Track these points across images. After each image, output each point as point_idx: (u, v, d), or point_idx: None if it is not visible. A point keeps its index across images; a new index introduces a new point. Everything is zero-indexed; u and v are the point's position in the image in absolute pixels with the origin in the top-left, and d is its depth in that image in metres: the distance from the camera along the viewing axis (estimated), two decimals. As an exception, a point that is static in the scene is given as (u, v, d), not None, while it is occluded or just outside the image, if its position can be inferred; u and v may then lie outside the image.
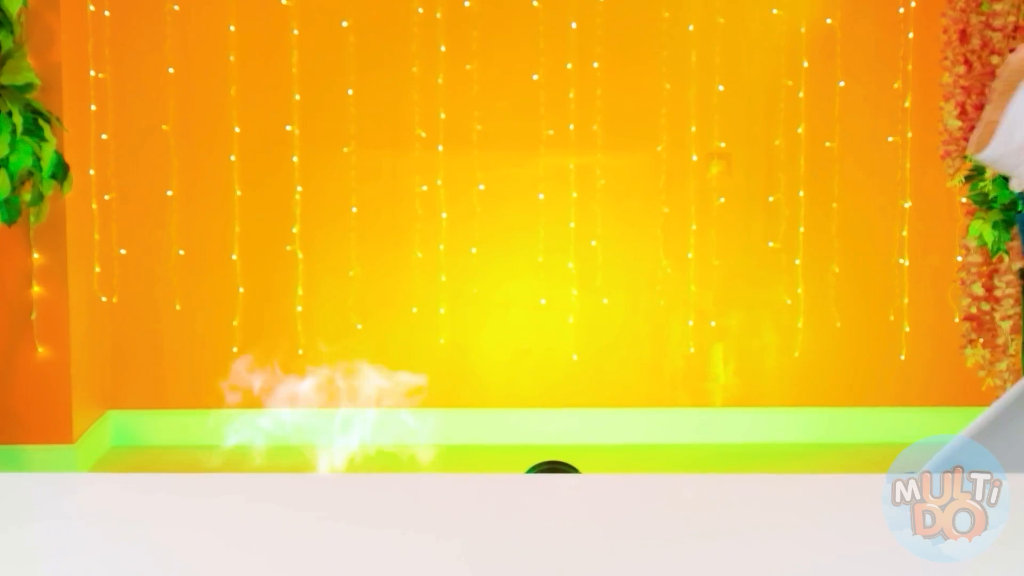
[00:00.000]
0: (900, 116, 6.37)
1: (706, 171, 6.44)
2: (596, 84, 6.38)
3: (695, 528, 1.67)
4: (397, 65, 6.36)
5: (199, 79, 6.39)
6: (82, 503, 1.77)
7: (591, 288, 6.49)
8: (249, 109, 6.37)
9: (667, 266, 6.45)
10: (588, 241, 6.43)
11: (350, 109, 6.35)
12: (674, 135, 6.41)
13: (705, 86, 6.38)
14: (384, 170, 6.46)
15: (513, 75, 6.38)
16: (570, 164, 6.44)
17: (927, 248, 6.44)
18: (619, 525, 1.68)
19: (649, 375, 6.56)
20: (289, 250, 6.39)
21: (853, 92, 6.38)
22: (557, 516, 1.75)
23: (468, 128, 6.37)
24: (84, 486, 1.91)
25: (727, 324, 6.50)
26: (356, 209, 6.40)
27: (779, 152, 6.40)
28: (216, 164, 6.37)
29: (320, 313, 6.42)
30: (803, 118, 6.38)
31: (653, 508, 1.78)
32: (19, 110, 5.34)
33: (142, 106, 6.36)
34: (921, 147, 6.31)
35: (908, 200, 6.42)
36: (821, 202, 6.41)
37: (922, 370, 6.46)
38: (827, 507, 1.77)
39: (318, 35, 6.36)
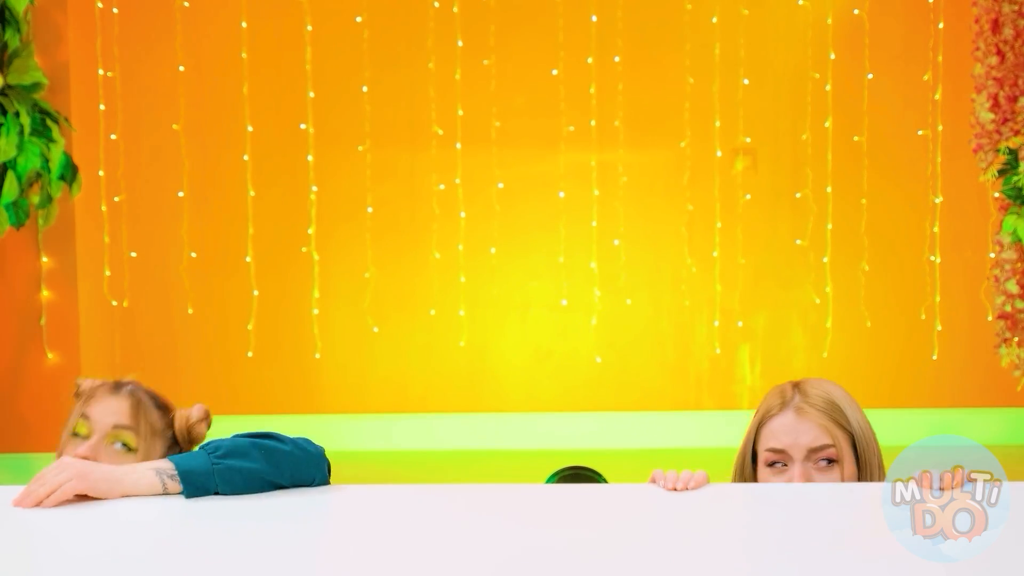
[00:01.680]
0: (930, 109, 6.29)
1: (731, 167, 6.37)
2: (617, 79, 6.31)
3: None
4: (413, 61, 6.31)
5: (210, 77, 6.34)
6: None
7: (614, 288, 6.42)
8: (262, 107, 6.32)
9: (692, 265, 6.39)
10: (611, 240, 6.35)
11: (365, 107, 6.30)
12: (698, 131, 6.33)
13: (729, 80, 6.30)
14: (401, 169, 6.40)
15: (532, 70, 6.33)
16: (591, 161, 6.37)
17: (959, 245, 6.34)
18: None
19: (674, 377, 6.48)
20: (304, 252, 6.35)
21: (882, 84, 6.30)
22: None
23: (486, 125, 6.30)
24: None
25: (754, 324, 6.42)
26: (372, 209, 6.35)
27: (806, 147, 6.32)
28: (229, 164, 6.31)
29: (336, 316, 6.35)
30: (830, 112, 6.30)
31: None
32: (26, 110, 5.27)
33: (152, 105, 6.29)
34: (952, 140, 6.21)
35: (939, 195, 6.32)
36: (850, 198, 6.32)
37: (955, 370, 6.34)
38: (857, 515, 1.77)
39: (332, 31, 6.31)
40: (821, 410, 2.12)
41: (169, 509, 1.79)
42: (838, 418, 2.13)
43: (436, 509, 1.86)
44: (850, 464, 2.12)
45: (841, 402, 2.15)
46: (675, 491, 1.91)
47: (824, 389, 2.17)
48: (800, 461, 2.11)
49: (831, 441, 2.10)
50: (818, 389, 2.17)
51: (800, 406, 2.14)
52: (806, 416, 2.12)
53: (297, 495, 1.87)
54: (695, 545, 1.65)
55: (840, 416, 2.13)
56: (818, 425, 2.11)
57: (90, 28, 6.12)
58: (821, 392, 2.16)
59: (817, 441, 2.10)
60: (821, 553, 1.59)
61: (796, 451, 2.11)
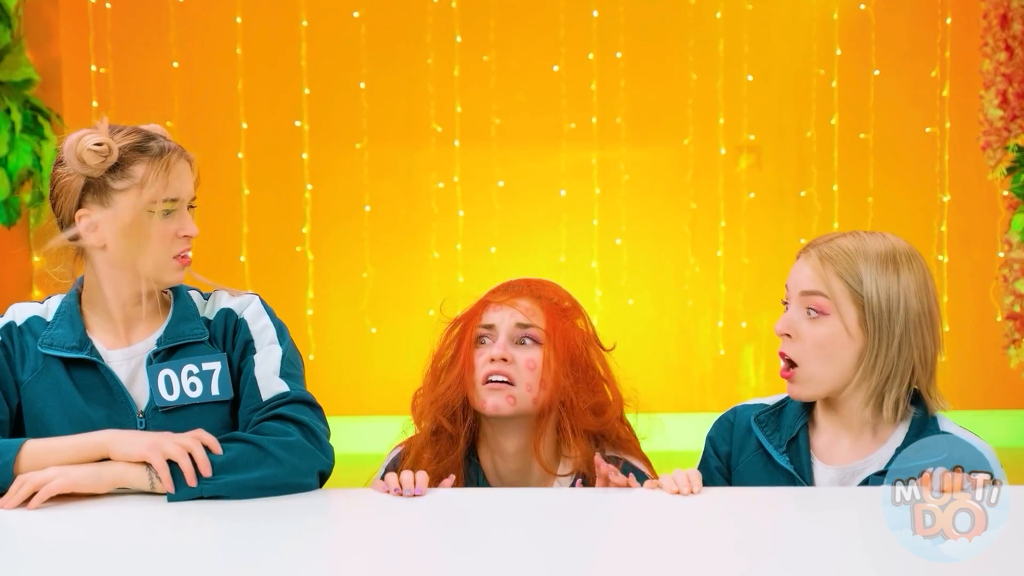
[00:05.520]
0: (938, 105, 6.24)
1: (735, 165, 6.32)
2: (619, 75, 6.25)
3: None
4: (411, 57, 6.25)
5: (204, 73, 6.27)
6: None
7: (615, 288, 6.34)
8: (257, 104, 6.26)
9: (695, 265, 6.33)
10: (612, 239, 6.28)
11: (362, 103, 6.24)
12: (701, 128, 6.28)
13: (733, 76, 6.25)
14: (398, 167, 6.33)
15: (532, 66, 6.27)
16: (593, 159, 6.31)
17: (967, 244, 6.28)
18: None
19: (677, 379, 6.40)
20: (299, 251, 6.30)
21: (888, 81, 6.24)
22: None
23: (486, 122, 6.23)
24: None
25: (758, 325, 6.35)
26: (369, 208, 6.30)
27: (811, 144, 6.28)
28: (223, 162, 6.22)
29: (332, 316, 6.29)
30: (836, 109, 6.26)
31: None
32: (18, 107, 5.21)
33: (145, 102, 6.21)
34: (960, 138, 6.17)
35: (947, 193, 6.27)
36: (856, 196, 6.26)
37: (962, 372, 6.25)
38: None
39: (328, 26, 6.25)
40: (827, 259, 1.99)
41: (157, 510, 1.78)
42: (845, 274, 1.98)
43: (436, 512, 1.85)
44: (850, 327, 1.97)
45: (859, 259, 1.98)
46: (679, 494, 1.89)
47: (847, 243, 2.01)
48: (795, 303, 2.01)
49: (822, 290, 1.98)
50: (842, 240, 2.02)
51: (809, 250, 2.03)
52: (808, 260, 2.01)
53: (291, 499, 1.88)
54: (707, 549, 1.62)
55: (849, 272, 1.98)
56: (814, 270, 1.99)
57: (82, 23, 6.07)
58: (842, 244, 2.00)
59: (807, 285, 1.99)
60: (825, 555, 1.57)
61: (792, 290, 2.02)
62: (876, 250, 1.99)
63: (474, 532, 1.75)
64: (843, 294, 1.98)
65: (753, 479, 2.10)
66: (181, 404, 1.98)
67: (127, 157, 1.95)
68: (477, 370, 2.13)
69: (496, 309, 2.17)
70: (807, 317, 2.00)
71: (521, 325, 2.15)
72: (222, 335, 2.06)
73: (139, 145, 1.97)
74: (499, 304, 2.17)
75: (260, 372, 2.02)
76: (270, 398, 1.98)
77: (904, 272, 2.00)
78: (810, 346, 1.99)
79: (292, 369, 2.05)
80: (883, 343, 1.98)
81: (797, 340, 2.01)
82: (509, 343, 2.13)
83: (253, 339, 2.06)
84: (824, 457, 2.05)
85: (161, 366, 1.99)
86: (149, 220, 1.96)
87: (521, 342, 2.14)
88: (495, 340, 2.14)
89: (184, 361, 2.00)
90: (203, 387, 2.00)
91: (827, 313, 1.98)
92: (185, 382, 1.99)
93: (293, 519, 1.78)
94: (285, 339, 2.09)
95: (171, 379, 1.99)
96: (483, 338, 2.16)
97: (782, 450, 2.06)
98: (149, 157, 1.96)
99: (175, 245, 2.00)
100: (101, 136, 1.96)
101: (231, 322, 2.07)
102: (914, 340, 1.99)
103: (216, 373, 2.01)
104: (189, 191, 2.02)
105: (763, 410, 2.14)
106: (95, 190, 1.96)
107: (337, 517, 1.86)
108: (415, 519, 1.79)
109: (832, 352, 1.99)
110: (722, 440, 2.20)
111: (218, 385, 2.01)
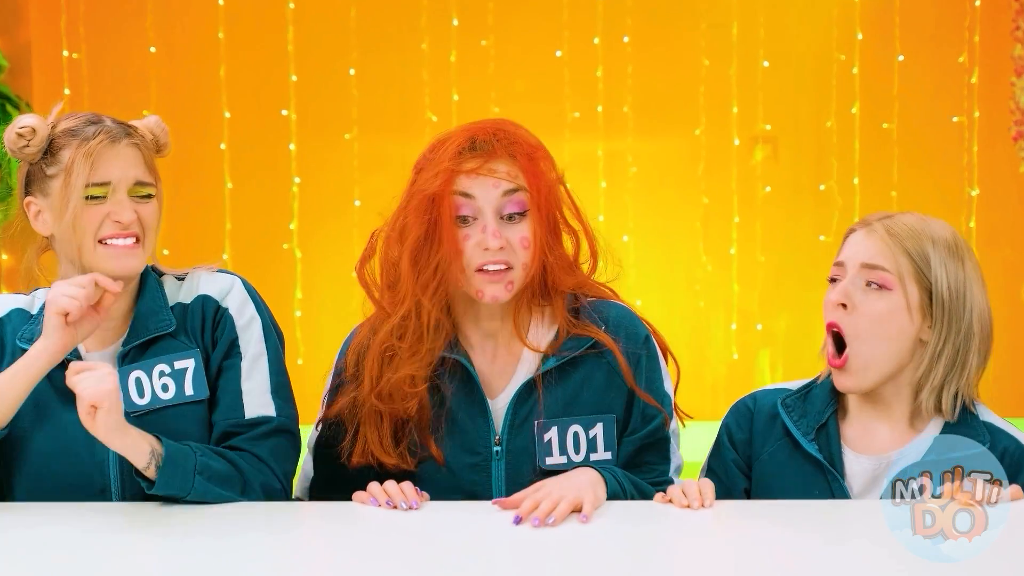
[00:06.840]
0: (966, 93, 6.13)
1: (750, 157, 6.24)
2: (626, 61, 6.16)
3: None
4: (405, 41, 6.15)
5: (184, 59, 6.18)
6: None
7: (623, 288, 6.05)
8: (240, 92, 6.16)
9: (707, 263, 6.24)
10: (619, 236, 6.14)
11: (353, 91, 6.16)
12: (714, 117, 6.19)
13: (748, 62, 6.16)
14: (391, 159, 6.12)
15: (534, 51, 6.17)
16: (598, 150, 6.21)
17: (997, 240, 6.15)
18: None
19: (688, 384, 6.11)
20: (286, 248, 6.22)
21: (913, 67, 6.14)
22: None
23: (484, 111, 6.07)
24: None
25: (774, 327, 6.26)
26: (360, 202, 6.19)
27: (831, 135, 6.18)
28: (204, 153, 6.13)
29: (322, 318, 6.11)
30: (858, 97, 6.16)
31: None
32: (-15, 95, 5.16)
33: (121, 89, 6.11)
34: (990, 128, 6.06)
35: (975, 187, 6.14)
36: (878, 190, 6.16)
37: (990, 375, 5.97)
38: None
39: (317, 9, 6.15)
40: (894, 234, 1.93)
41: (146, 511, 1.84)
42: (913, 252, 1.93)
43: (435, 515, 1.86)
44: (912, 306, 1.91)
45: (926, 240, 1.93)
46: (689, 508, 1.84)
47: (913, 221, 1.96)
48: (853, 275, 1.95)
49: (887, 265, 1.92)
50: (907, 218, 1.97)
51: (873, 223, 1.97)
52: (872, 233, 1.95)
53: (285, 506, 1.96)
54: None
55: (918, 251, 1.93)
56: (882, 243, 1.93)
57: (54, 6, 6.02)
58: (908, 221, 1.96)
59: (870, 258, 1.93)
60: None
61: (851, 263, 1.95)
62: (943, 235, 1.97)
63: (474, 546, 1.72)
64: (909, 272, 1.93)
65: (778, 471, 2.04)
66: (153, 408, 1.97)
67: (59, 142, 1.96)
68: (466, 256, 1.97)
69: (472, 178, 1.95)
70: (866, 289, 1.94)
71: (508, 192, 1.96)
72: (200, 325, 2.04)
73: (73, 130, 1.97)
74: (474, 173, 1.95)
75: (248, 386, 2.02)
76: (253, 418, 1.99)
77: (968, 263, 1.98)
78: (867, 320, 1.93)
79: (281, 379, 2.06)
80: (952, 331, 1.94)
81: (852, 312, 1.94)
82: (496, 219, 1.95)
83: (239, 338, 2.04)
84: (856, 446, 2.00)
85: (131, 367, 1.98)
86: (82, 207, 1.96)
87: (509, 218, 1.97)
88: (479, 218, 1.96)
89: (155, 360, 1.99)
90: (176, 387, 1.99)
91: (890, 288, 1.93)
92: (157, 383, 1.99)
93: (276, 525, 1.84)
94: (272, 335, 2.08)
95: (142, 381, 1.98)
96: (465, 217, 1.96)
97: (810, 438, 2.01)
98: (78, 141, 1.95)
99: (103, 229, 1.97)
100: (31, 120, 1.97)
101: (211, 312, 2.05)
102: (978, 334, 1.96)
103: (190, 371, 2.01)
104: (129, 176, 2.00)
105: (789, 394, 2.09)
106: (34, 177, 1.99)
107: (330, 531, 1.86)
108: (410, 530, 1.80)
109: (890, 330, 1.93)
110: (740, 428, 2.14)
111: (192, 384, 2.00)
